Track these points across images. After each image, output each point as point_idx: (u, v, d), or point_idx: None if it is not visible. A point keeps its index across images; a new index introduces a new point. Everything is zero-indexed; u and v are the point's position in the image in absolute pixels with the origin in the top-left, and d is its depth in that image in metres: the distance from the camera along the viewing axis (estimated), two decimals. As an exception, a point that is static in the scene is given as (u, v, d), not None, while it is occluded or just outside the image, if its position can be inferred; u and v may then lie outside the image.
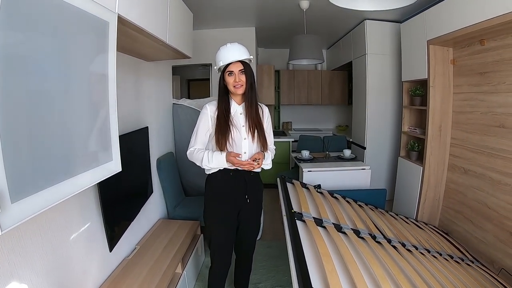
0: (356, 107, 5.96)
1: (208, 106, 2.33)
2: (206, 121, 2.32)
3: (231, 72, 2.23)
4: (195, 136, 2.34)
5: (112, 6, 1.59)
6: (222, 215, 2.38)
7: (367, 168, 4.20)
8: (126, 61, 2.72)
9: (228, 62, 2.21)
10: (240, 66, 2.23)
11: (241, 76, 2.23)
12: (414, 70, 4.17)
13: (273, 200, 5.60)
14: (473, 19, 2.92)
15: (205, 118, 2.32)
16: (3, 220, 0.92)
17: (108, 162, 1.58)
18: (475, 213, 3.46)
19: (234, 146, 2.29)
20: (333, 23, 5.50)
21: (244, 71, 2.24)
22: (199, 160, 2.27)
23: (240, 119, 2.36)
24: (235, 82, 2.23)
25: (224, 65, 2.22)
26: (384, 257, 1.90)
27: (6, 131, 0.93)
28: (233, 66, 2.22)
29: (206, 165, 2.27)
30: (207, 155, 2.24)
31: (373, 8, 3.01)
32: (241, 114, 2.37)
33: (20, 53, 1.01)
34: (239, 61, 2.23)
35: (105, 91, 1.54)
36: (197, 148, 2.32)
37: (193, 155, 2.32)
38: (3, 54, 0.92)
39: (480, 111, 3.38)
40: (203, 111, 2.34)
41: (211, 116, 2.31)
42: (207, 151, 2.28)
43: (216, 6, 4.50)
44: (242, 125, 2.34)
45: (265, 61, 7.70)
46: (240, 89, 2.26)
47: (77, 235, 1.98)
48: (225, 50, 2.23)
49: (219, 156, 2.23)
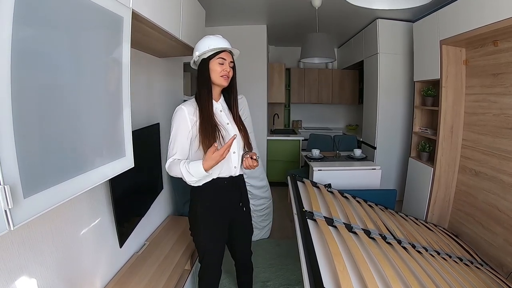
0: (367, 107, 5.93)
1: (184, 107, 2.04)
2: (185, 125, 2.02)
3: (223, 59, 2.06)
4: (173, 143, 2.03)
5: (127, 1, 1.59)
6: (216, 231, 2.19)
7: (378, 168, 4.18)
8: (138, 56, 2.73)
9: (222, 47, 2.04)
10: (231, 58, 2.10)
11: (230, 68, 2.09)
12: (426, 70, 4.13)
13: (282, 198, 5.61)
14: (487, 19, 2.88)
15: (184, 121, 2.02)
16: (15, 215, 0.93)
17: (121, 158, 1.58)
18: (485, 216, 3.42)
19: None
20: (345, 21, 5.47)
21: (233, 64, 2.13)
22: (178, 175, 1.96)
23: (222, 117, 2.16)
24: (224, 71, 2.05)
25: (216, 49, 2.03)
26: (395, 258, 1.89)
27: (19, 126, 0.94)
28: (225, 55, 2.06)
29: (190, 180, 1.95)
30: (186, 169, 1.90)
31: (387, 7, 2.98)
32: (221, 112, 2.17)
33: (34, 48, 1.01)
34: (230, 54, 2.11)
35: (119, 87, 1.55)
36: (176, 159, 2.00)
37: (171, 168, 1.99)
38: (17, 48, 0.92)
39: (492, 113, 3.34)
40: (178, 113, 2.03)
41: (190, 119, 2.02)
42: (184, 162, 1.93)
43: (228, 3, 4.50)
44: (226, 123, 2.15)
45: (276, 59, 7.68)
46: (226, 81, 2.08)
47: (87, 230, 1.99)
48: (216, 38, 2.08)
49: (196, 166, 1.88)
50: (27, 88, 0.98)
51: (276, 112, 7.68)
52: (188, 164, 1.91)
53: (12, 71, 0.90)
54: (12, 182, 0.91)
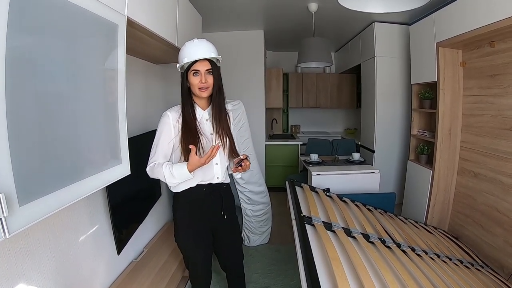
0: (365, 110, 5.92)
1: (169, 113, 2.03)
2: (168, 131, 2.01)
3: (197, 71, 1.96)
4: (156, 148, 2.01)
5: (121, 9, 1.59)
6: (196, 237, 2.16)
7: (376, 172, 4.17)
8: (135, 63, 2.73)
9: (194, 59, 1.94)
10: (207, 65, 1.97)
11: (207, 77, 1.98)
12: (424, 73, 4.13)
13: (281, 203, 5.59)
14: (483, 21, 2.89)
15: (167, 128, 2.01)
16: (11, 223, 0.92)
17: (117, 165, 1.58)
18: (485, 218, 3.41)
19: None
20: (342, 25, 5.47)
21: (211, 71, 1.99)
22: (161, 176, 1.93)
23: (207, 126, 2.11)
24: (200, 83, 1.96)
25: (189, 62, 1.95)
26: (394, 262, 1.88)
27: (14, 134, 0.93)
28: (200, 64, 1.95)
29: (171, 182, 1.95)
30: (169, 170, 1.89)
31: (382, 10, 2.99)
32: (207, 121, 2.12)
33: (29, 56, 1.01)
34: (207, 60, 1.98)
35: (114, 93, 1.55)
36: (158, 162, 1.97)
37: (153, 170, 1.96)
38: (12, 56, 0.92)
39: (490, 114, 3.34)
40: (163, 119, 2.03)
41: (173, 125, 2.01)
42: (167, 164, 1.93)
43: (225, 9, 4.49)
44: (210, 133, 2.10)
45: (274, 64, 7.69)
46: (205, 92, 1.99)
47: (85, 237, 1.98)
48: (191, 46, 1.98)
49: (180, 168, 1.88)
50: (22, 96, 0.98)
51: (275, 117, 7.68)
52: (171, 166, 1.90)
53: (7, 79, 0.90)
54: (7, 190, 0.91)
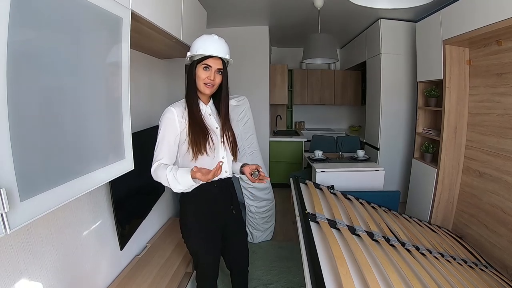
0: (369, 108, 5.90)
1: (173, 109, 1.94)
2: (173, 127, 1.92)
3: (208, 66, 1.92)
4: (160, 146, 1.91)
5: (126, 2, 1.58)
6: (209, 236, 2.10)
7: (381, 170, 4.15)
8: (139, 58, 2.72)
9: (209, 54, 1.90)
10: (219, 64, 1.94)
11: (217, 75, 1.95)
12: (430, 71, 4.10)
13: (284, 200, 5.59)
14: (490, 18, 2.86)
15: (172, 124, 1.92)
16: (12, 219, 0.91)
17: (120, 160, 1.57)
18: (489, 217, 3.39)
19: (213, 150, 1.97)
20: (347, 22, 5.44)
21: (221, 71, 1.97)
22: (164, 180, 1.81)
23: (211, 121, 2.06)
24: (208, 79, 1.92)
25: (202, 56, 1.91)
26: (398, 261, 1.87)
27: (15, 128, 0.92)
28: (212, 61, 1.92)
29: (177, 188, 1.81)
30: (173, 175, 1.76)
31: (390, 6, 2.95)
32: (210, 115, 2.07)
33: (32, 50, 1.00)
34: (220, 59, 1.95)
35: (118, 89, 1.53)
36: (163, 164, 1.86)
37: (157, 173, 1.85)
38: (15, 51, 0.91)
39: (496, 113, 3.31)
40: (167, 115, 1.93)
41: (178, 120, 1.92)
42: (171, 168, 1.80)
43: (230, 4, 4.48)
44: (215, 127, 2.06)
45: (278, 60, 7.67)
46: (209, 89, 1.96)
47: (88, 232, 1.98)
48: (210, 40, 1.93)
49: (185, 175, 1.74)
50: (24, 90, 0.97)
51: (279, 114, 7.65)
52: (176, 171, 1.77)
53: (8, 73, 0.89)
54: (8, 185, 0.90)
